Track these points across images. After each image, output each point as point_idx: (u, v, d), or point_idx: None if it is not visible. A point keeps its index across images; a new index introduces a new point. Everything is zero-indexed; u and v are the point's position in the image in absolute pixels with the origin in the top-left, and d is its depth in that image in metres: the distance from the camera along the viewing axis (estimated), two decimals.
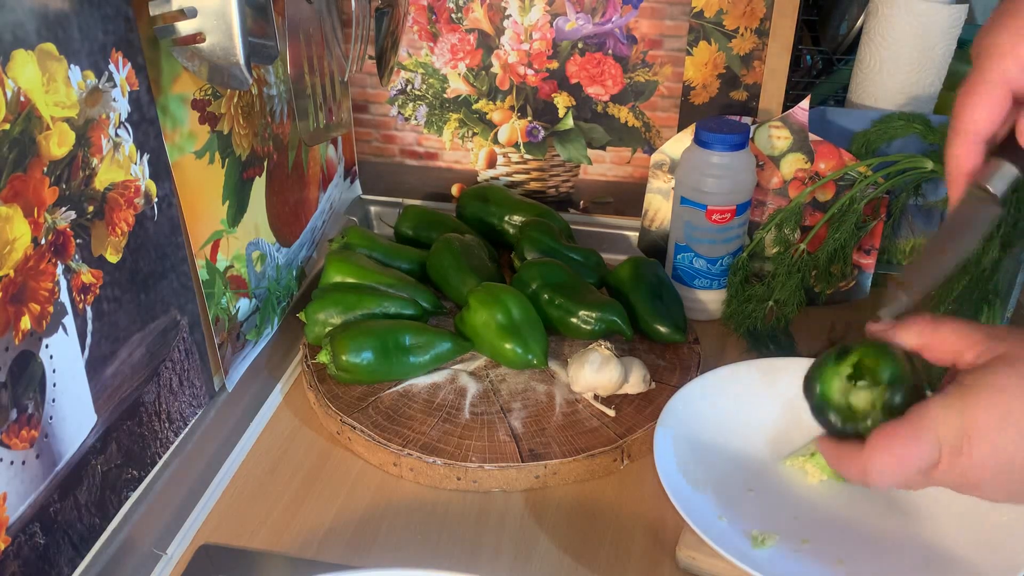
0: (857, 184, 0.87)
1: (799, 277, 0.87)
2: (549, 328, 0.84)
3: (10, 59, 0.49)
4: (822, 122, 0.96)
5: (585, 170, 1.04)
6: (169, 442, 0.69)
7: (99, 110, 0.57)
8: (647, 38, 0.95)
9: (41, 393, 0.54)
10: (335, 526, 0.70)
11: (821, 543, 0.65)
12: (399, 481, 0.74)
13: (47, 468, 0.56)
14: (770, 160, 0.93)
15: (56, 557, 0.57)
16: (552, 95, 1.00)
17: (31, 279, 0.52)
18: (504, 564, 0.67)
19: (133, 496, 0.65)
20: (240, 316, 0.79)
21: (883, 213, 0.91)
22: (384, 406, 0.78)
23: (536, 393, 0.80)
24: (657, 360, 0.84)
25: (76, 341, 0.57)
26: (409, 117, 1.04)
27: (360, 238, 0.93)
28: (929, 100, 0.97)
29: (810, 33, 1.20)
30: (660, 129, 0.99)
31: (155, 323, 0.66)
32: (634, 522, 0.70)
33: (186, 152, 0.68)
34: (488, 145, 1.04)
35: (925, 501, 0.68)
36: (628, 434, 0.75)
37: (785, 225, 0.89)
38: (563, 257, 0.91)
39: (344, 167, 1.04)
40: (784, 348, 0.87)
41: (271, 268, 0.85)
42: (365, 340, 0.78)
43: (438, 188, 1.08)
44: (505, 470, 0.72)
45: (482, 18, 0.97)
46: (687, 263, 0.92)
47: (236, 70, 0.62)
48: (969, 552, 0.63)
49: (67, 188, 0.55)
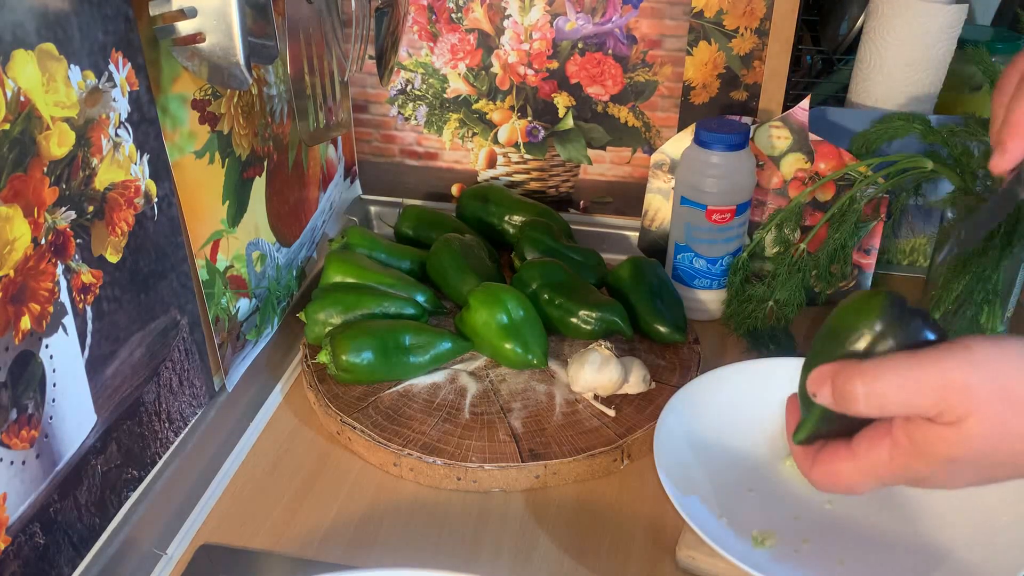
0: (857, 184, 0.87)
1: (799, 277, 0.87)
2: (549, 328, 0.84)
3: (10, 59, 0.49)
4: (822, 122, 0.96)
5: (585, 170, 1.04)
6: (169, 442, 0.69)
7: (99, 110, 0.57)
8: (647, 38, 0.95)
9: (41, 393, 0.54)
10: (335, 526, 0.70)
11: (821, 543, 0.65)
12: (399, 481, 0.74)
13: (47, 468, 0.56)
14: (770, 160, 0.93)
15: (56, 557, 0.57)
16: (552, 95, 1.00)
17: (31, 279, 0.52)
18: (504, 564, 0.67)
19: (133, 496, 0.65)
20: (240, 316, 0.79)
21: (883, 213, 0.91)
22: (384, 406, 0.78)
23: (536, 393, 0.80)
24: (657, 360, 0.84)
25: (76, 341, 0.57)
26: (409, 117, 1.04)
27: (360, 238, 0.93)
28: (929, 100, 0.97)
29: (810, 33, 1.20)
30: (660, 129, 0.99)
31: (155, 323, 0.66)
32: (634, 522, 0.70)
33: (186, 152, 0.68)
34: (488, 145, 1.04)
35: (925, 501, 0.68)
36: (628, 434, 0.75)
37: (785, 225, 0.90)
38: (563, 257, 0.91)
39: (344, 167, 1.04)
40: (784, 348, 0.87)
41: (271, 268, 0.85)
42: (365, 340, 0.78)
43: (438, 188, 1.08)
44: (505, 470, 0.72)
45: (482, 18, 0.97)
46: (687, 263, 0.92)
47: (236, 70, 0.62)
48: (969, 552, 0.63)
49: (67, 188, 0.55)
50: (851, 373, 0.46)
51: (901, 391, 0.44)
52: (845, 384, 0.46)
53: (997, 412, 0.43)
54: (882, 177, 0.86)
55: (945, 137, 0.86)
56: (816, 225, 0.88)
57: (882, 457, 0.47)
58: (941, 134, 0.87)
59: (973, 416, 0.43)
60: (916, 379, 0.44)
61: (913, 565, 0.63)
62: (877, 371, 0.45)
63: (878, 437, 0.47)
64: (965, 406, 0.43)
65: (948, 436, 0.44)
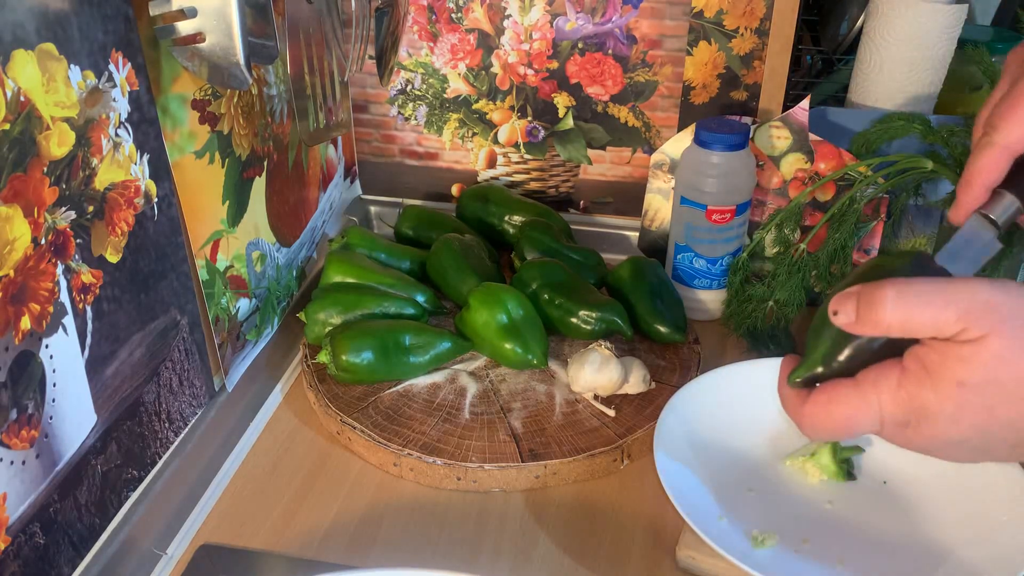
0: (857, 184, 0.87)
1: (799, 277, 0.87)
2: (549, 328, 0.84)
3: (10, 59, 0.49)
4: (822, 122, 0.96)
5: (585, 170, 1.04)
6: (169, 442, 0.69)
7: (99, 110, 0.57)
8: (647, 38, 0.95)
9: (41, 393, 0.54)
10: (335, 526, 0.70)
11: (821, 543, 0.65)
12: (399, 481, 0.74)
13: (47, 468, 0.56)
14: (770, 160, 0.93)
15: (56, 557, 0.57)
16: (552, 95, 1.00)
17: (31, 279, 0.52)
18: (504, 564, 0.67)
19: (133, 496, 0.65)
20: (240, 316, 0.79)
21: (883, 213, 0.91)
22: (384, 406, 0.78)
23: (536, 393, 0.80)
24: (657, 360, 0.84)
25: (76, 341, 0.57)
26: (409, 117, 1.04)
27: (360, 238, 0.93)
28: (929, 100, 0.97)
29: (810, 33, 1.20)
30: (660, 129, 0.99)
31: (155, 323, 0.66)
32: (634, 522, 0.70)
33: (186, 152, 0.68)
34: (488, 145, 1.04)
35: (925, 501, 0.68)
36: (628, 434, 0.75)
37: (785, 225, 0.89)
38: (563, 257, 0.91)
39: (344, 167, 1.04)
40: (784, 348, 0.87)
41: (271, 268, 0.85)
42: (365, 340, 0.78)
43: (438, 188, 1.08)
44: (505, 470, 0.72)
45: (482, 18, 0.97)
46: (687, 263, 0.92)
47: (236, 70, 0.62)
48: (969, 552, 0.63)
49: (67, 188, 0.55)
50: (882, 283, 0.45)
51: (929, 305, 0.44)
52: (874, 291, 0.45)
53: (1016, 334, 0.43)
54: (882, 177, 0.86)
55: (945, 137, 0.86)
56: (816, 225, 0.88)
57: (890, 383, 0.46)
58: (941, 134, 0.87)
59: (993, 334, 0.43)
60: (945, 292, 0.44)
61: (913, 565, 0.63)
62: (910, 282, 0.45)
63: (887, 367, 0.46)
64: (988, 322, 0.43)
65: (964, 354, 0.43)
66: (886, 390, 0.46)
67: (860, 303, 0.45)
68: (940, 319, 0.43)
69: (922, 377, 0.45)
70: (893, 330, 0.45)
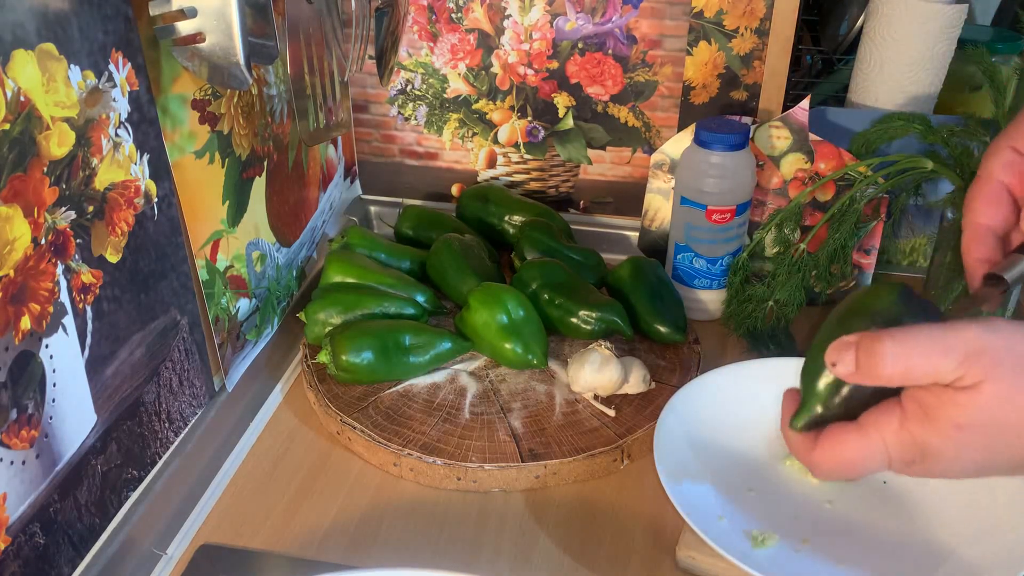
0: (857, 184, 0.87)
1: (799, 277, 0.87)
2: (549, 328, 0.84)
3: (10, 59, 0.49)
4: (822, 122, 0.96)
5: (585, 170, 1.04)
6: (169, 442, 0.69)
7: (99, 110, 0.57)
8: (647, 38, 0.95)
9: (41, 393, 0.54)
10: (335, 526, 0.70)
11: (821, 543, 0.65)
12: (399, 481, 0.74)
13: (47, 468, 0.56)
14: (770, 160, 0.93)
15: (56, 557, 0.57)
16: (552, 95, 1.00)
17: (31, 279, 0.52)
18: (504, 564, 0.67)
19: (133, 496, 0.65)
20: (240, 316, 0.79)
21: (883, 213, 0.91)
22: (384, 406, 0.78)
23: (536, 393, 0.80)
24: (657, 360, 0.84)
25: (76, 341, 0.57)
26: (409, 117, 1.04)
27: (360, 238, 0.93)
28: (929, 100, 0.97)
29: (810, 33, 1.20)
30: (660, 129, 0.99)
31: (155, 323, 0.66)
32: (634, 522, 0.70)
33: (186, 152, 0.68)
34: (488, 145, 1.04)
35: (926, 501, 0.68)
36: (628, 434, 0.75)
37: (785, 225, 0.89)
38: (563, 257, 0.91)
39: (344, 167, 1.04)
40: (784, 348, 0.87)
41: (271, 268, 0.85)
42: (365, 340, 0.78)
43: (438, 188, 1.08)
44: (505, 470, 0.72)
45: (482, 18, 0.97)
46: (687, 263, 0.92)
47: (236, 70, 0.62)
48: (969, 551, 0.63)
49: (67, 188, 0.55)
50: (879, 335, 0.46)
51: (928, 356, 0.44)
52: (873, 343, 0.45)
53: (1011, 379, 0.44)
54: (882, 177, 0.86)
55: (945, 137, 0.86)
56: (816, 225, 0.88)
57: (892, 426, 0.46)
58: (941, 134, 0.87)
59: (988, 380, 0.44)
60: (944, 340, 0.44)
61: (913, 565, 0.63)
62: (906, 333, 0.45)
63: (887, 409, 0.47)
64: (983, 369, 0.44)
65: (961, 400, 0.44)
66: (890, 432, 0.47)
67: (859, 355, 0.46)
68: (940, 369, 0.44)
69: (921, 418, 0.46)
70: (894, 381, 0.46)
